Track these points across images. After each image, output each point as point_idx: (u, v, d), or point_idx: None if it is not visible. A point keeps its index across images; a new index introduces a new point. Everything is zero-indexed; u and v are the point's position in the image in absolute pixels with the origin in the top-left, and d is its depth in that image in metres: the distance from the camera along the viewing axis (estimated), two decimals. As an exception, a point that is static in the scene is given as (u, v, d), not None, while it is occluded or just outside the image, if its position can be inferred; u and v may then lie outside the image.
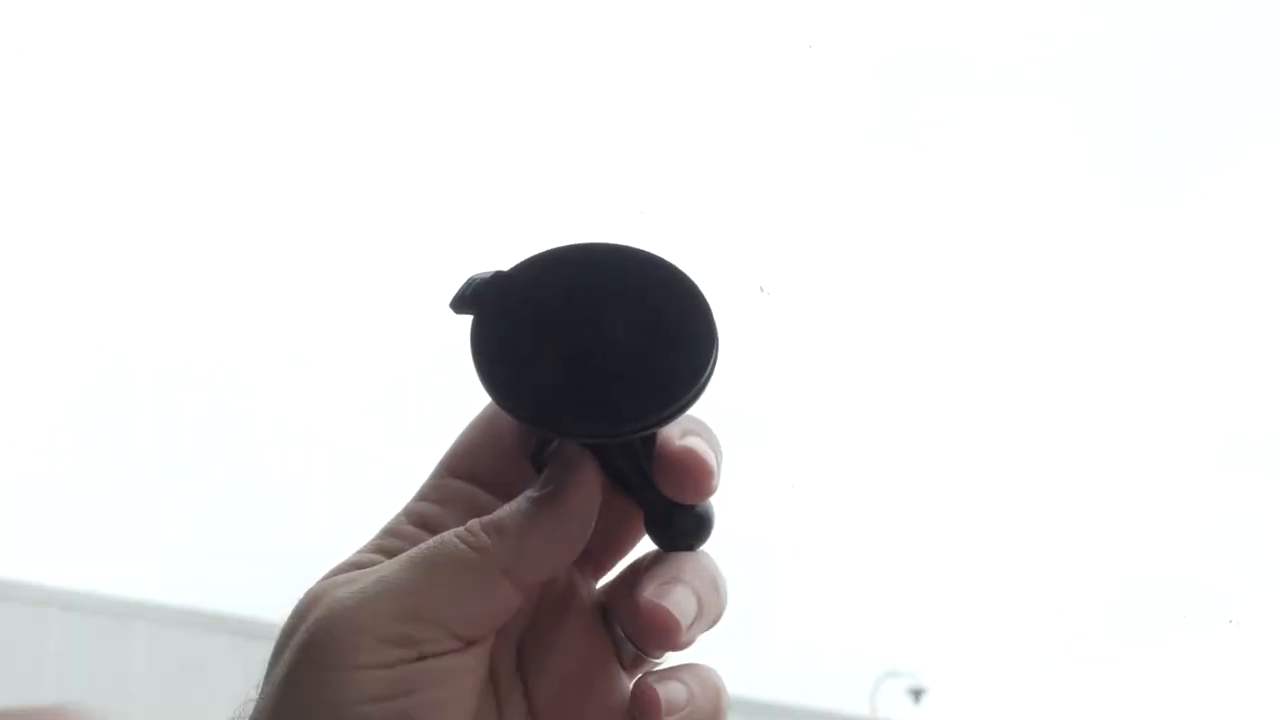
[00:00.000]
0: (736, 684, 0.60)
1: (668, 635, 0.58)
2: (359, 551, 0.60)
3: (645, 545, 0.62)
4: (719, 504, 0.60)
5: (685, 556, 0.60)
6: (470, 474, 0.61)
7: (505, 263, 0.59)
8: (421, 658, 0.56)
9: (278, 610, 0.61)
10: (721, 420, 0.59)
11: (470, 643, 0.57)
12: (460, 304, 0.58)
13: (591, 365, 0.57)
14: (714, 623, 0.60)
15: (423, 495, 0.61)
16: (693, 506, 0.60)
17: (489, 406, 0.61)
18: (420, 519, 0.60)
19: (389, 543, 0.60)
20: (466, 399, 0.61)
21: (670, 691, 0.58)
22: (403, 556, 0.58)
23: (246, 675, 0.62)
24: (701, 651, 0.60)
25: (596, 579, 0.63)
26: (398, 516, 0.61)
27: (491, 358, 0.57)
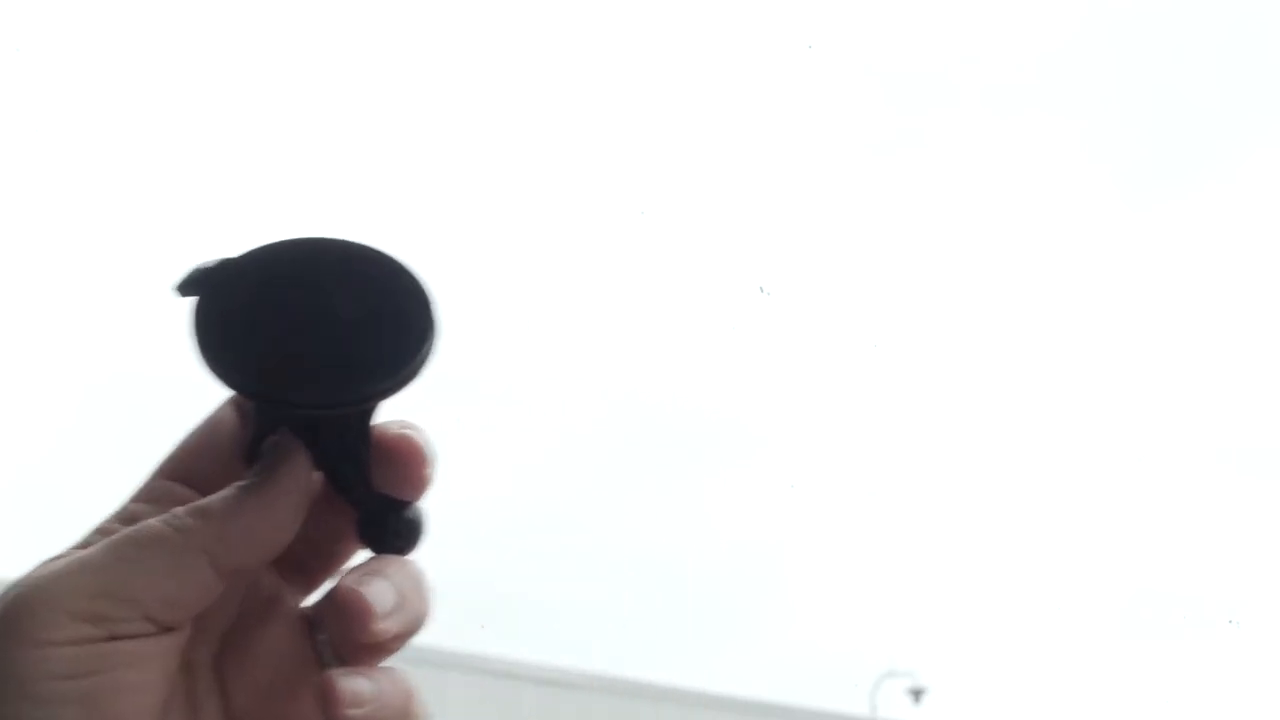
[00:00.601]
0: (737, 684, 0.60)
1: (360, 621, 0.57)
2: (66, 548, 0.59)
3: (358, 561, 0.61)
4: (719, 507, 0.60)
5: (392, 557, 0.60)
6: (185, 476, 0.61)
7: (507, 263, 0.59)
8: (113, 638, 0.55)
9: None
10: (722, 420, 0.59)
11: (165, 629, 0.56)
12: (185, 287, 0.59)
13: (311, 344, 0.58)
14: (417, 624, 0.59)
15: (136, 496, 0.61)
16: (406, 508, 0.60)
17: (212, 412, 0.62)
18: (130, 518, 0.59)
19: (94, 539, 0.59)
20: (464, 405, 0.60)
21: (355, 685, 0.57)
22: (105, 540, 0.57)
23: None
24: (701, 651, 0.60)
25: (307, 594, 0.62)
26: (109, 515, 0.60)
27: (210, 334, 0.58)
